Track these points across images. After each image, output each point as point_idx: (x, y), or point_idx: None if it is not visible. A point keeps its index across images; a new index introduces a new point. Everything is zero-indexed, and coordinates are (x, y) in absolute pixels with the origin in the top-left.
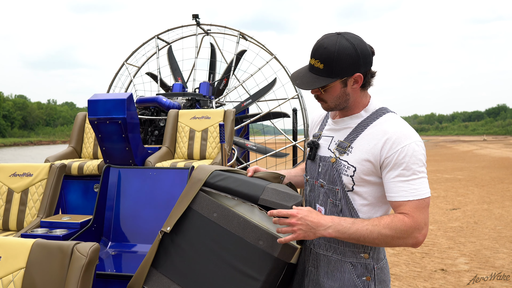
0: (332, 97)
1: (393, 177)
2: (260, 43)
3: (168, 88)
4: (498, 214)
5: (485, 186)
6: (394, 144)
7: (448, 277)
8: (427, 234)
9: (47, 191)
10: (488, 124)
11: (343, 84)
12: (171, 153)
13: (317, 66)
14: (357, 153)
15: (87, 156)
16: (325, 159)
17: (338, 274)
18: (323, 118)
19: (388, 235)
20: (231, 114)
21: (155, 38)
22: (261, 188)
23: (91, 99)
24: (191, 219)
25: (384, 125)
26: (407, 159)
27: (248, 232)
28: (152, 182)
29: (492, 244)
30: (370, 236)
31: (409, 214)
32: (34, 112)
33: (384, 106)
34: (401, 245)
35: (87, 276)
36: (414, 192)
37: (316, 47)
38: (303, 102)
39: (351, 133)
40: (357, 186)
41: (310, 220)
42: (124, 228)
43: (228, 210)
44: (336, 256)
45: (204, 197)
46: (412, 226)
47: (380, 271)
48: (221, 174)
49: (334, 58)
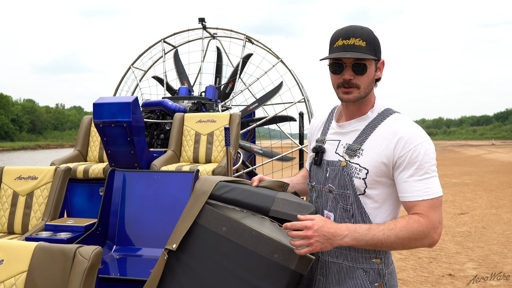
0: (367, 80)
1: (407, 177)
2: (267, 46)
3: (174, 91)
4: (506, 218)
5: (494, 190)
6: (406, 143)
7: (456, 282)
8: (441, 232)
9: (52, 194)
10: (497, 129)
11: (375, 68)
12: (176, 156)
13: (359, 44)
14: (369, 155)
15: (92, 160)
16: (334, 163)
17: (350, 281)
18: (324, 123)
19: (405, 238)
20: (237, 118)
21: (161, 41)
22: (271, 199)
23: (96, 103)
24: (198, 235)
25: (394, 125)
26: (420, 158)
27: (261, 245)
28: (157, 185)
29: (501, 249)
30: (388, 240)
31: (423, 214)
32: (43, 116)
33: (388, 107)
34: (418, 247)
35: (89, 279)
36: (428, 191)
37: (353, 29)
38: (310, 106)
39: (360, 135)
40: (369, 188)
41: (326, 231)
42: (129, 232)
43: (238, 223)
44: (347, 263)
45: (211, 211)
46: (428, 226)
47: (390, 276)
48: (227, 186)
49: (373, 36)
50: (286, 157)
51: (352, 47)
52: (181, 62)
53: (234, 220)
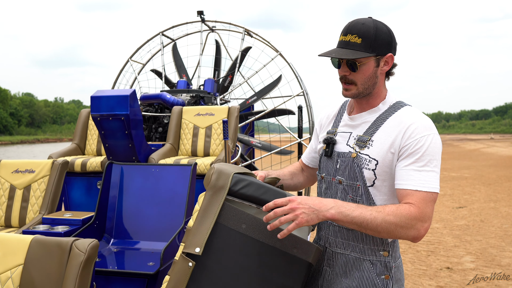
0: (363, 77)
1: (406, 165)
2: (265, 39)
3: (172, 85)
4: (504, 212)
5: (492, 184)
6: (413, 133)
7: (454, 275)
8: (428, 229)
9: (49, 187)
10: (496, 123)
11: (376, 63)
12: (174, 150)
13: (354, 41)
14: (379, 145)
15: (90, 153)
16: (344, 155)
17: (356, 273)
18: (336, 115)
19: (392, 222)
20: (235, 111)
21: (160, 35)
22: (283, 194)
23: (94, 96)
24: (219, 235)
25: (404, 116)
26: (423, 149)
27: (283, 240)
28: (154, 178)
29: (499, 243)
30: (374, 222)
31: (415, 204)
32: (41, 110)
33: (400, 100)
34: (402, 237)
35: (86, 272)
36: (424, 183)
37: (352, 24)
38: (309, 100)
39: (371, 126)
40: (378, 180)
41: (311, 202)
42: (127, 225)
43: (256, 220)
44: (355, 254)
45: (230, 208)
46: (416, 217)
47: (397, 269)
48: (243, 180)
49: (373, 32)
50: (285, 150)
51: (346, 44)
52: (179, 55)
53: (253, 216)
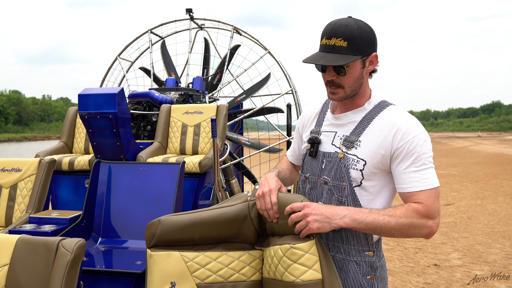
0: (351, 79)
1: (405, 168)
2: (254, 37)
3: (161, 83)
4: (491, 209)
5: (479, 182)
6: (404, 134)
7: (441, 272)
8: (439, 224)
9: (36, 186)
10: (483, 121)
11: (362, 64)
12: (163, 148)
13: (339, 44)
14: (367, 146)
15: (78, 152)
16: (330, 155)
17: (342, 274)
18: (318, 113)
19: (405, 224)
20: (224, 109)
21: (148, 32)
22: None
23: (81, 94)
24: None
25: (391, 116)
26: (418, 149)
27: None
28: (143, 177)
29: (485, 240)
30: (388, 226)
31: (423, 203)
32: (29, 107)
33: (384, 99)
34: (415, 236)
35: (73, 272)
36: (426, 181)
37: (336, 27)
38: (298, 98)
39: (357, 126)
40: (365, 180)
41: (324, 210)
42: (115, 224)
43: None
44: (340, 255)
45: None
46: (426, 215)
47: (381, 269)
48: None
49: (357, 34)
50: (274, 148)
51: (332, 48)
52: (168, 53)
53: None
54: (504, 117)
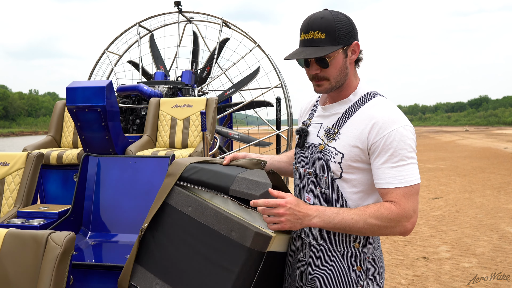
0: (335, 70)
1: (381, 164)
2: (243, 31)
3: (150, 76)
4: (479, 202)
5: (467, 175)
6: (381, 129)
7: (430, 264)
8: (415, 222)
9: (24, 180)
10: (471, 115)
11: (345, 54)
12: (152, 141)
13: (318, 37)
14: (345, 139)
15: (66, 145)
16: (314, 146)
17: (328, 264)
18: (313, 105)
19: (374, 224)
20: (213, 103)
21: (137, 25)
22: (232, 178)
23: (69, 87)
24: (168, 215)
25: (372, 109)
26: (394, 144)
27: (220, 223)
28: (132, 170)
29: (473, 232)
30: (356, 225)
31: (396, 201)
32: (16, 102)
33: (373, 90)
34: (389, 234)
35: (62, 266)
36: (402, 179)
37: (312, 20)
38: (287, 91)
39: (339, 118)
40: (345, 173)
41: (297, 210)
42: (104, 218)
43: (201, 203)
44: (326, 245)
45: (179, 192)
46: (399, 215)
47: (373, 261)
48: (195, 167)
49: (334, 24)
50: (263, 142)
51: (311, 42)
52: (156, 47)
53: (199, 200)
54: (491, 111)
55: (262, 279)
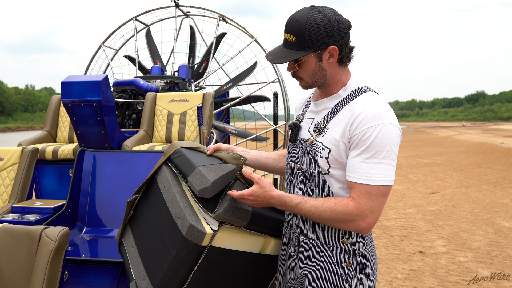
0: (307, 73)
1: (353, 156)
2: (241, 25)
3: (146, 71)
4: (475, 197)
5: (464, 170)
6: (361, 123)
7: (426, 259)
8: (374, 223)
9: (19, 175)
10: (467, 111)
11: (318, 58)
12: (148, 136)
13: (290, 40)
14: (332, 133)
15: (62, 140)
16: (304, 141)
17: (317, 259)
18: (307, 100)
19: (328, 218)
20: (210, 97)
21: (133, 20)
22: (193, 168)
23: (64, 81)
24: (153, 188)
25: (357, 104)
26: (370, 140)
27: (174, 208)
28: (128, 165)
29: (469, 227)
30: (312, 217)
31: (355, 198)
32: (12, 97)
33: (364, 85)
34: (344, 229)
35: (56, 261)
36: (368, 176)
37: (289, 21)
38: (284, 86)
39: (328, 113)
40: (333, 168)
41: (261, 199)
42: (100, 213)
43: (170, 185)
44: (316, 241)
45: (163, 170)
46: (353, 213)
47: (363, 257)
48: (180, 152)
49: (306, 30)
50: (260, 137)
51: (285, 43)
52: (153, 41)
53: (169, 181)
54: (488, 107)
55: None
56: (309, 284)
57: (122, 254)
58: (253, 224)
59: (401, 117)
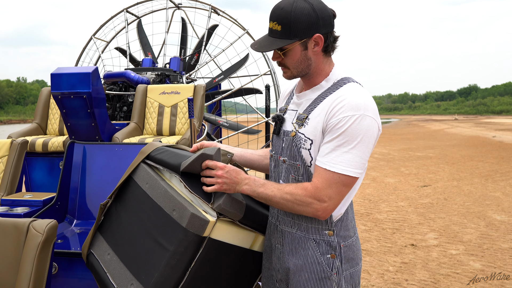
0: (293, 61)
1: (324, 142)
2: (232, 17)
3: (138, 63)
4: (467, 190)
5: (455, 163)
6: (338, 112)
7: (418, 252)
8: (331, 210)
9: (8, 168)
10: (460, 104)
11: (303, 47)
12: (139, 129)
13: (275, 28)
14: (313, 124)
15: (52, 133)
16: (287, 133)
17: (302, 252)
18: (290, 92)
19: (288, 200)
20: (201, 89)
21: (124, 11)
22: (187, 157)
23: (54, 73)
24: (130, 188)
25: (338, 93)
26: (343, 129)
27: (166, 202)
28: (118, 158)
29: (461, 220)
30: (274, 199)
31: (315, 183)
32: (3, 90)
33: (346, 77)
34: (301, 213)
35: (44, 254)
36: (335, 164)
37: (274, 10)
38: (276, 78)
39: (310, 104)
40: (314, 160)
41: (234, 175)
42: (90, 206)
43: (156, 181)
44: (300, 233)
45: (143, 168)
46: (311, 196)
47: (347, 249)
48: (163, 149)
49: (291, 18)
50: (252, 130)
51: (271, 32)
52: (144, 33)
53: (155, 177)
54: (480, 100)
55: (207, 269)
56: (294, 276)
57: (94, 266)
58: (246, 218)
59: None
